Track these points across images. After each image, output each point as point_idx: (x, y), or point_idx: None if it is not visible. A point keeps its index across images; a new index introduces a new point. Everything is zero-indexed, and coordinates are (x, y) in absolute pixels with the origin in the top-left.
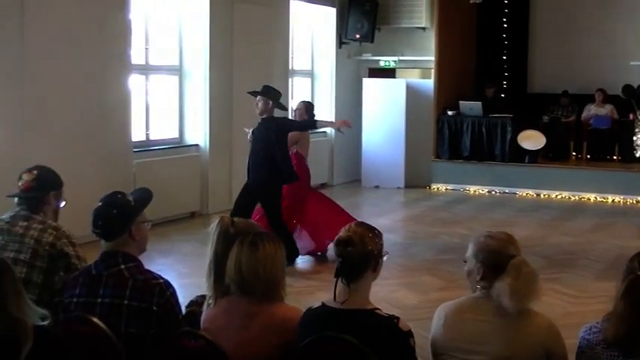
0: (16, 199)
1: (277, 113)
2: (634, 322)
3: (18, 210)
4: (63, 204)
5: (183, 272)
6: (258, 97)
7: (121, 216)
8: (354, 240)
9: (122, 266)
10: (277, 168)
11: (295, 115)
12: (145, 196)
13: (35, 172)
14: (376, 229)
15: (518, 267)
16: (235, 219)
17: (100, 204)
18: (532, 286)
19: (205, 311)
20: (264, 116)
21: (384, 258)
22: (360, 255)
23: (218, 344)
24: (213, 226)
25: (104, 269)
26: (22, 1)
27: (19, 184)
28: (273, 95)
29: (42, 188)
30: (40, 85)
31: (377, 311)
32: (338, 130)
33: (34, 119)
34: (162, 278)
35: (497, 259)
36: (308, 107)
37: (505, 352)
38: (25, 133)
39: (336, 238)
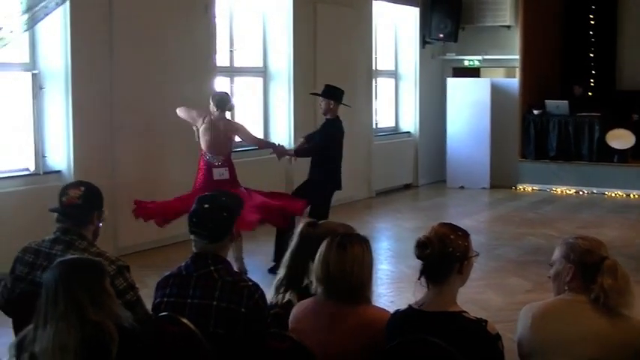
0: (55, 214)
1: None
2: None
3: (58, 234)
4: (101, 225)
5: (267, 273)
6: (321, 98)
7: (229, 219)
8: (432, 242)
9: (212, 268)
10: (334, 169)
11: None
12: (238, 199)
13: (82, 187)
14: (461, 230)
15: (615, 267)
16: (319, 222)
17: (207, 206)
18: (629, 287)
19: (293, 309)
20: (328, 116)
21: (474, 259)
22: (440, 257)
23: (305, 345)
24: (298, 228)
25: (194, 270)
26: (111, 8)
27: (63, 199)
28: (335, 95)
29: (88, 206)
30: (127, 89)
31: (464, 314)
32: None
33: (121, 122)
34: (251, 280)
35: (590, 260)
36: (219, 99)
37: (596, 353)
38: (114, 135)
39: (417, 239)
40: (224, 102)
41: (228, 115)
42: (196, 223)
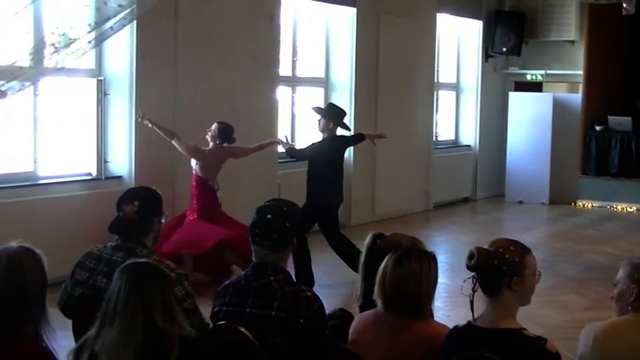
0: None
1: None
2: None
3: (120, 241)
4: (163, 220)
5: (326, 283)
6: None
7: (292, 229)
8: (479, 253)
9: (271, 278)
10: (334, 187)
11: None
12: (298, 209)
13: (136, 202)
14: (520, 246)
15: None
16: (386, 234)
17: (270, 217)
18: None
19: (354, 321)
20: (325, 135)
21: (536, 280)
22: (485, 269)
23: (363, 358)
24: (366, 240)
25: (254, 280)
26: (176, 16)
27: (120, 214)
28: (334, 115)
29: (145, 220)
30: (190, 97)
31: (524, 331)
32: (372, 141)
33: (184, 130)
34: (311, 291)
35: None
36: (222, 130)
37: None
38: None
39: (469, 251)
40: (227, 134)
41: None
42: (259, 234)
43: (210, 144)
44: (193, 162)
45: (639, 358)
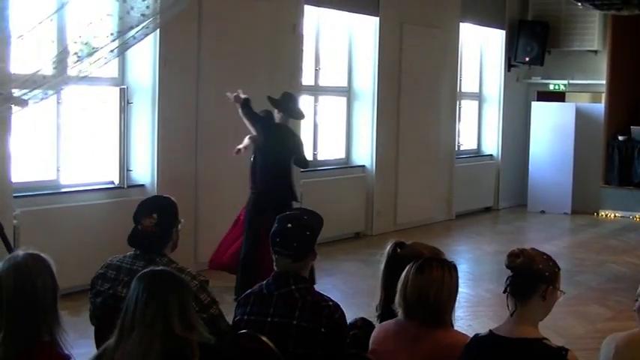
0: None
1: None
2: None
3: (139, 252)
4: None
5: (347, 292)
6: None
7: (312, 238)
8: (524, 254)
9: (293, 287)
10: (291, 183)
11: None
12: (319, 218)
13: (155, 215)
14: (551, 257)
15: None
16: (407, 242)
17: (290, 226)
18: None
19: (375, 331)
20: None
21: (559, 296)
22: (528, 270)
23: None
24: (386, 249)
25: (276, 289)
26: (199, 25)
27: (139, 227)
28: (280, 104)
29: (165, 232)
30: (213, 106)
31: (545, 341)
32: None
33: (206, 139)
34: (332, 300)
35: None
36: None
37: None
38: (198, 152)
39: (510, 250)
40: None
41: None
42: (280, 243)
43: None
44: None
45: None
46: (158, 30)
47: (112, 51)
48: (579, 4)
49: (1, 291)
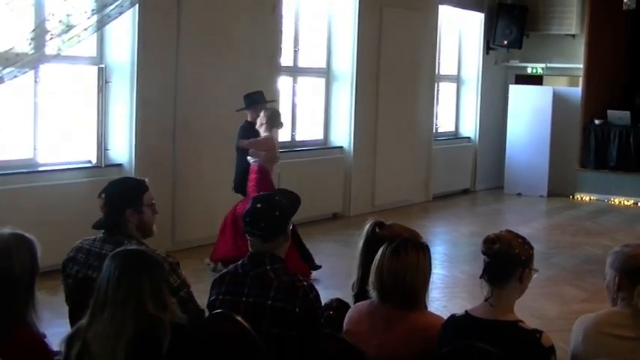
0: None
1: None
2: None
3: (106, 235)
4: (149, 208)
5: (324, 273)
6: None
7: (282, 218)
8: (501, 239)
9: (268, 267)
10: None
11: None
12: (294, 198)
13: (103, 195)
14: (527, 241)
15: None
16: (387, 223)
17: (260, 205)
18: None
19: (349, 312)
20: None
21: (534, 275)
22: (505, 255)
23: (357, 348)
24: (364, 227)
25: (251, 269)
26: (179, 5)
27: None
28: (254, 100)
29: (115, 212)
30: (192, 86)
31: (520, 324)
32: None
33: (185, 118)
34: (307, 280)
35: (634, 265)
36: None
37: None
38: (176, 131)
39: (486, 236)
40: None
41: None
42: (249, 223)
43: (265, 133)
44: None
45: (626, 352)
46: (138, 10)
47: (85, 29)
48: None
49: None
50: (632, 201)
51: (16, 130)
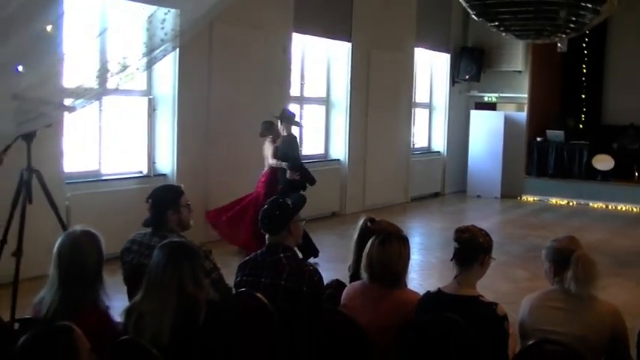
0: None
1: None
2: None
3: (154, 230)
4: (186, 208)
5: (325, 259)
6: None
7: (283, 215)
8: (469, 230)
9: (281, 255)
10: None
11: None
12: (300, 201)
13: (150, 200)
14: (487, 232)
15: (578, 258)
16: (377, 219)
17: (266, 206)
18: (591, 272)
19: (345, 289)
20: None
21: (491, 259)
22: (471, 243)
23: (354, 319)
24: (359, 222)
25: (268, 257)
26: (210, 48)
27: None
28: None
29: (159, 213)
30: (220, 112)
31: (480, 298)
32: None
33: (215, 138)
34: (313, 265)
35: (561, 256)
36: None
37: (579, 332)
38: (209, 148)
39: (457, 227)
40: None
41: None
42: (260, 220)
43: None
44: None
45: (561, 319)
46: (178, 53)
47: (137, 68)
48: (504, 34)
49: (59, 260)
50: (566, 201)
51: (85, 148)
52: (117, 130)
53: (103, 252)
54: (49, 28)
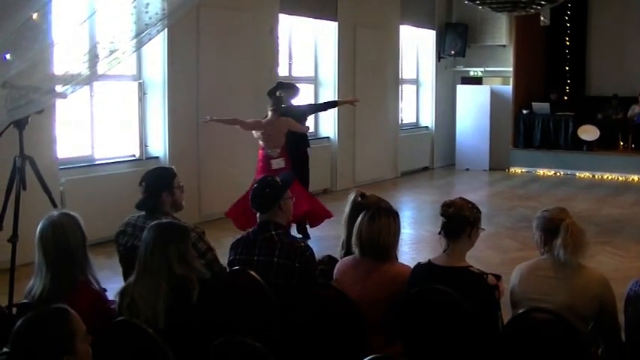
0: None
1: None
2: None
3: (147, 213)
4: (179, 189)
5: (317, 236)
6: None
7: (272, 193)
8: (454, 204)
9: (273, 232)
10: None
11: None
12: (289, 179)
13: (144, 183)
14: (475, 206)
15: (567, 226)
16: (368, 194)
17: (256, 185)
18: (581, 241)
19: (337, 265)
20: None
21: (480, 231)
22: (457, 216)
23: (345, 294)
24: (350, 197)
25: (260, 234)
26: (198, 31)
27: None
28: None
29: (153, 195)
30: (210, 94)
31: (470, 268)
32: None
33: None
34: (304, 242)
35: (551, 225)
36: (275, 100)
37: (567, 300)
38: (199, 130)
39: (443, 201)
40: (277, 102)
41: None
42: (251, 199)
43: (270, 114)
44: (257, 136)
45: (551, 288)
46: (167, 38)
47: (123, 52)
48: (480, 7)
49: (43, 243)
50: (553, 172)
51: (78, 133)
52: (108, 115)
53: (84, 231)
54: (35, 15)
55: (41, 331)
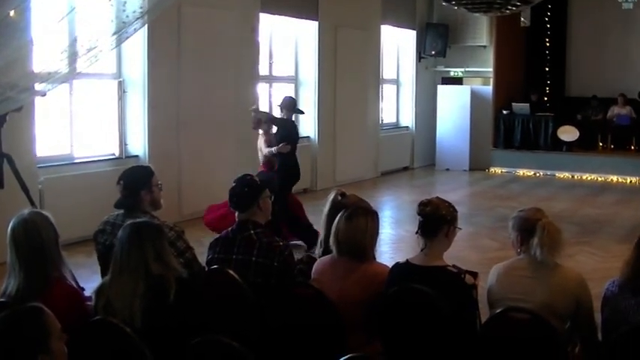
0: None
1: None
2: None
3: (126, 212)
4: (157, 188)
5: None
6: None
7: (251, 193)
8: (431, 203)
9: (252, 231)
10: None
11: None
12: (268, 178)
13: (121, 182)
14: (451, 205)
15: (543, 226)
16: (347, 193)
17: (235, 184)
18: (557, 240)
19: (315, 264)
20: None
21: (457, 230)
22: (434, 215)
23: (324, 293)
24: (330, 196)
25: (238, 233)
26: (179, 30)
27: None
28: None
29: (132, 194)
30: (190, 93)
31: (448, 267)
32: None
33: (185, 118)
34: (283, 241)
35: (527, 225)
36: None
37: (545, 299)
38: (179, 129)
39: (420, 201)
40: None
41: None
42: (229, 198)
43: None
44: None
45: (528, 287)
46: (147, 36)
47: (101, 51)
48: (456, 7)
49: (16, 243)
50: (533, 172)
51: (56, 132)
52: (88, 113)
53: (56, 229)
54: (12, 13)
55: (15, 331)
